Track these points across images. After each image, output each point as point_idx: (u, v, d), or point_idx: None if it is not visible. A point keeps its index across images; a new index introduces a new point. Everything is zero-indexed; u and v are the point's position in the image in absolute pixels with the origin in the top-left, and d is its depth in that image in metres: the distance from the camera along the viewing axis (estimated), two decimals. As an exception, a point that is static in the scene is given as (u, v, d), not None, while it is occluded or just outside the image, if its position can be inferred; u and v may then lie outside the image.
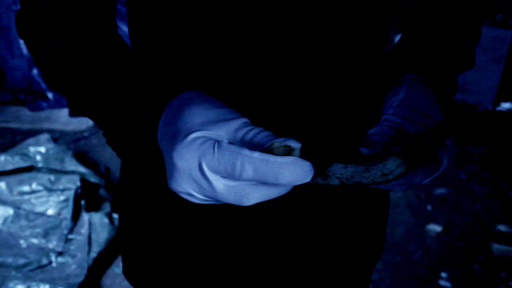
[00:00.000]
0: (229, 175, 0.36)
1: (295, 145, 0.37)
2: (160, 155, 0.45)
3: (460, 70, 0.62)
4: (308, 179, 0.36)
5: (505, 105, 3.86)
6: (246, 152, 0.35)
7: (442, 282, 1.97)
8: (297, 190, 0.58)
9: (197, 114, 0.40)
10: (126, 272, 0.74)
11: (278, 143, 0.36)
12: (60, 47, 0.51)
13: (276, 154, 0.36)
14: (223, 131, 0.38)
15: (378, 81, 0.59)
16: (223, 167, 0.35)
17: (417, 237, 2.25)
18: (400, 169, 0.36)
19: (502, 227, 2.30)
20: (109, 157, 2.88)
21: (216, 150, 0.36)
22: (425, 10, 0.64)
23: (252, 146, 0.38)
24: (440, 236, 2.26)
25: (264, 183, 0.36)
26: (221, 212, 0.61)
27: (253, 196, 0.37)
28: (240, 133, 0.38)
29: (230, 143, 0.38)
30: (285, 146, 0.36)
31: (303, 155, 0.37)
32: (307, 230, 0.64)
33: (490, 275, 2.01)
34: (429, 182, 0.46)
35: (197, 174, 0.37)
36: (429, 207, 2.48)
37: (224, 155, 0.35)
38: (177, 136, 0.38)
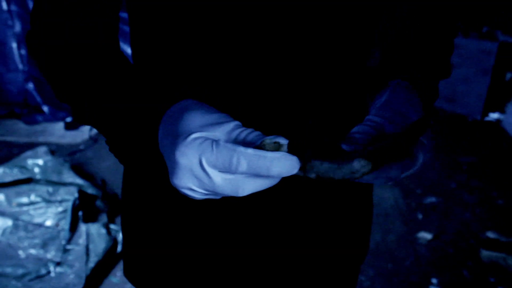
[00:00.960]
0: (226, 169, 0.41)
1: (283, 141, 0.42)
2: (160, 158, 0.49)
3: (440, 78, 0.68)
4: (295, 171, 0.41)
5: (493, 115, 3.94)
6: (241, 148, 0.40)
7: (433, 288, 2.01)
8: (285, 193, 0.64)
9: (195, 118, 0.45)
10: (128, 273, 0.78)
11: (268, 139, 0.42)
12: (61, 48, 0.55)
13: (267, 150, 0.41)
14: (219, 132, 0.43)
15: (363, 85, 0.65)
16: (221, 162, 0.40)
17: (408, 244, 2.30)
18: (364, 168, 0.42)
19: (490, 234, 2.35)
20: (105, 169, 2.91)
21: (214, 147, 0.41)
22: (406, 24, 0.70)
23: (245, 144, 0.43)
24: (430, 243, 2.31)
25: (257, 175, 0.41)
26: (219, 214, 0.65)
27: (247, 187, 0.42)
28: (234, 134, 0.44)
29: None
30: (275, 142, 0.42)
31: (290, 150, 0.43)
32: (296, 230, 0.68)
33: (479, 280, 2.05)
34: (403, 179, 0.51)
35: (198, 169, 0.41)
36: (420, 216, 2.53)
37: (222, 152, 0.40)
38: (178, 137, 0.43)
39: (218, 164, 0.40)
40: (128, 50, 3.31)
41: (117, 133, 0.52)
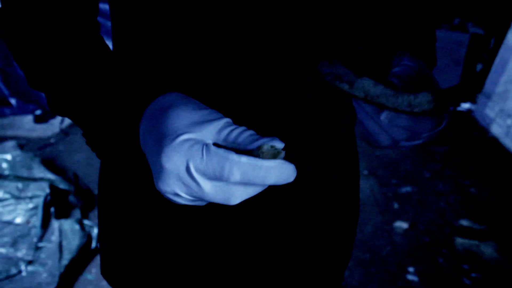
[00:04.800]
0: (216, 178, 0.37)
1: (279, 144, 0.38)
2: (140, 155, 0.46)
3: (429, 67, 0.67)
4: (291, 179, 0.38)
5: (465, 106, 4.02)
6: (234, 156, 0.36)
7: (410, 277, 2.04)
8: (273, 194, 0.61)
9: (182, 116, 0.40)
10: (104, 272, 0.75)
11: (266, 145, 0.38)
12: (37, 31, 0.50)
13: (264, 156, 0.38)
14: (208, 131, 0.40)
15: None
16: (211, 170, 0.37)
17: (385, 234, 2.32)
18: (428, 105, 0.38)
19: (464, 222, 2.40)
20: (78, 163, 2.83)
21: (204, 153, 0.37)
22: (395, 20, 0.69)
23: (236, 145, 0.39)
24: (406, 232, 2.34)
25: (250, 184, 0.38)
26: (199, 214, 0.63)
27: (239, 195, 0.39)
28: (224, 132, 0.40)
29: (217, 144, 0.40)
30: (272, 146, 0.38)
31: (288, 155, 0.39)
32: (281, 232, 0.66)
33: (454, 268, 2.09)
34: (378, 169, 0.49)
35: (185, 175, 0.38)
36: (395, 205, 2.56)
37: (213, 159, 0.37)
38: (164, 138, 0.39)
39: (208, 172, 0.37)
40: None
41: (94, 126, 0.48)
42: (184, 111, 0.41)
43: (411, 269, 2.08)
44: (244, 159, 0.36)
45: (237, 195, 0.39)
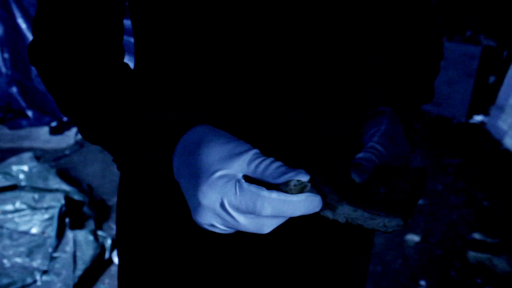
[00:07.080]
0: (249, 212, 0.41)
1: (305, 178, 0.42)
2: (174, 185, 0.49)
3: (424, 103, 0.69)
4: (318, 209, 0.43)
5: (477, 118, 4.00)
6: (265, 193, 0.40)
7: (421, 290, 2.03)
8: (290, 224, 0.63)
9: (213, 151, 0.44)
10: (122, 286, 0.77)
11: (293, 181, 0.42)
12: (72, 78, 0.53)
13: (292, 192, 0.41)
14: (239, 166, 0.43)
15: (359, 109, 0.65)
16: (244, 206, 0.40)
17: (396, 247, 2.31)
18: (399, 227, 0.45)
19: (477, 235, 2.39)
20: (91, 175, 2.88)
21: (238, 190, 0.40)
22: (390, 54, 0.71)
23: (265, 178, 0.43)
24: (418, 245, 2.33)
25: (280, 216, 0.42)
26: (220, 240, 0.65)
27: (271, 224, 0.42)
28: (253, 165, 0.43)
29: (247, 177, 0.43)
30: (298, 180, 0.42)
31: (313, 186, 0.44)
32: (294, 259, 0.68)
33: (467, 281, 2.08)
34: None
35: (220, 210, 0.41)
36: (407, 218, 2.56)
37: (245, 196, 0.40)
38: (199, 175, 0.43)
39: (241, 207, 0.41)
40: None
41: (127, 157, 0.51)
42: (215, 146, 0.44)
43: (422, 282, 2.07)
44: (274, 195, 0.40)
45: (268, 225, 0.42)
